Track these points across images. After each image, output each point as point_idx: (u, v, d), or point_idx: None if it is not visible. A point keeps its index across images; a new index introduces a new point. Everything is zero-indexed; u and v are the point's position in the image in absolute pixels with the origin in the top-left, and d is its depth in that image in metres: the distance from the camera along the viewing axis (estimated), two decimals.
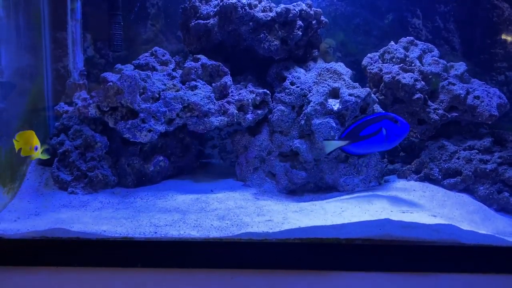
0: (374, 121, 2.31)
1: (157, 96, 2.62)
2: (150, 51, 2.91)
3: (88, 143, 2.63)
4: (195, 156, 3.02)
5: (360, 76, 3.00)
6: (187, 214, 2.28)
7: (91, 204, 2.44)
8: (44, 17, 3.06)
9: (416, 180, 2.73)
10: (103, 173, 2.60)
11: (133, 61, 2.83)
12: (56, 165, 2.63)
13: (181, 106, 2.61)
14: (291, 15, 2.72)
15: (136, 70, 2.69)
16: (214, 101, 2.68)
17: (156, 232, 2.09)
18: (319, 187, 2.72)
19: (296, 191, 2.70)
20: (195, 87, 2.70)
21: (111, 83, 2.52)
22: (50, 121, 3.11)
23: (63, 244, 2.03)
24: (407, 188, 2.63)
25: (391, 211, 2.28)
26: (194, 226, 2.14)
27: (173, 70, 2.82)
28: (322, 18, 2.89)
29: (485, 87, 2.78)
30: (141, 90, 2.58)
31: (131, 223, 2.16)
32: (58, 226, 2.08)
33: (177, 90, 2.66)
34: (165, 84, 2.68)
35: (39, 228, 2.05)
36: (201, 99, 2.63)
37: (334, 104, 2.60)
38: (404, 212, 2.25)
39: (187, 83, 2.73)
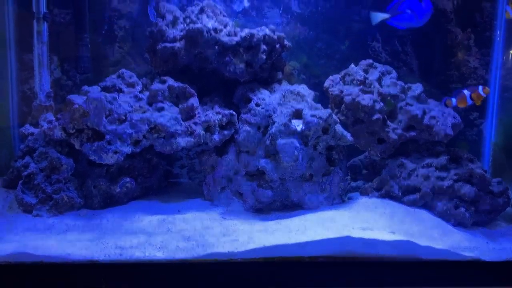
0: None
1: (124, 118, 2.64)
2: (117, 73, 2.93)
3: (54, 165, 2.62)
4: (163, 176, 3.04)
5: (324, 97, 3.10)
6: (153, 236, 2.29)
7: (56, 226, 2.42)
8: (9, 39, 3.07)
9: (377, 197, 2.83)
10: (69, 195, 2.59)
11: (100, 83, 2.84)
12: (20, 188, 2.60)
13: (147, 127, 2.64)
14: (255, 39, 2.81)
15: (103, 92, 2.71)
16: (181, 122, 2.72)
17: (121, 254, 2.11)
18: (285, 205, 2.78)
19: (263, 210, 2.74)
20: (162, 108, 2.74)
21: (77, 106, 2.54)
22: (15, 143, 3.09)
23: (27, 268, 2.02)
24: (369, 205, 2.73)
25: (353, 229, 2.36)
26: (159, 247, 2.16)
27: (140, 91, 2.86)
28: (286, 42, 2.99)
29: (441, 107, 2.92)
30: (107, 112, 2.60)
31: (96, 246, 2.16)
32: (21, 250, 2.07)
33: (144, 112, 2.70)
34: (131, 106, 2.71)
35: (2, 253, 2.04)
36: (167, 120, 2.67)
37: (298, 125, 2.68)
38: (364, 230, 2.33)
39: (154, 104, 2.76)
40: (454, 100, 2.61)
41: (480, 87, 2.54)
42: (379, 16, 2.62)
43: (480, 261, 2.19)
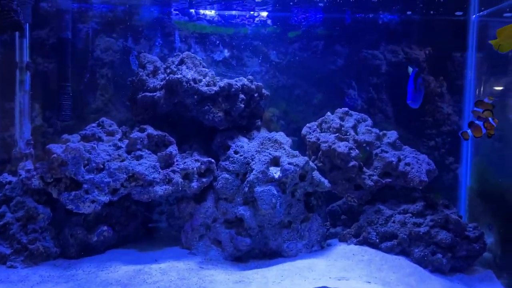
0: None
1: (102, 166, 2.66)
2: (97, 121, 2.97)
3: (31, 215, 2.61)
4: (141, 224, 3.03)
5: (303, 142, 3.15)
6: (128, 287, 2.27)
7: (30, 278, 2.38)
8: None
9: (356, 244, 2.83)
10: (45, 245, 2.57)
11: (80, 132, 2.87)
12: None
13: (125, 176, 2.65)
14: (233, 89, 2.89)
15: (82, 142, 2.74)
16: (159, 170, 2.74)
17: None
18: (264, 253, 2.77)
19: (241, 258, 2.73)
20: (140, 156, 2.77)
21: (55, 155, 2.55)
22: None
23: None
24: (346, 252, 2.73)
25: (329, 278, 2.35)
26: None
27: (120, 140, 2.88)
28: (264, 91, 3.07)
29: (415, 154, 2.99)
30: (86, 162, 2.61)
31: None
32: None
33: (122, 160, 2.72)
34: (110, 155, 2.73)
35: None
36: (145, 169, 2.69)
37: (275, 172, 2.71)
38: (340, 280, 2.32)
39: (133, 152, 2.79)
40: (469, 131, 2.61)
41: (490, 119, 2.53)
42: (410, 70, 2.78)
43: None
